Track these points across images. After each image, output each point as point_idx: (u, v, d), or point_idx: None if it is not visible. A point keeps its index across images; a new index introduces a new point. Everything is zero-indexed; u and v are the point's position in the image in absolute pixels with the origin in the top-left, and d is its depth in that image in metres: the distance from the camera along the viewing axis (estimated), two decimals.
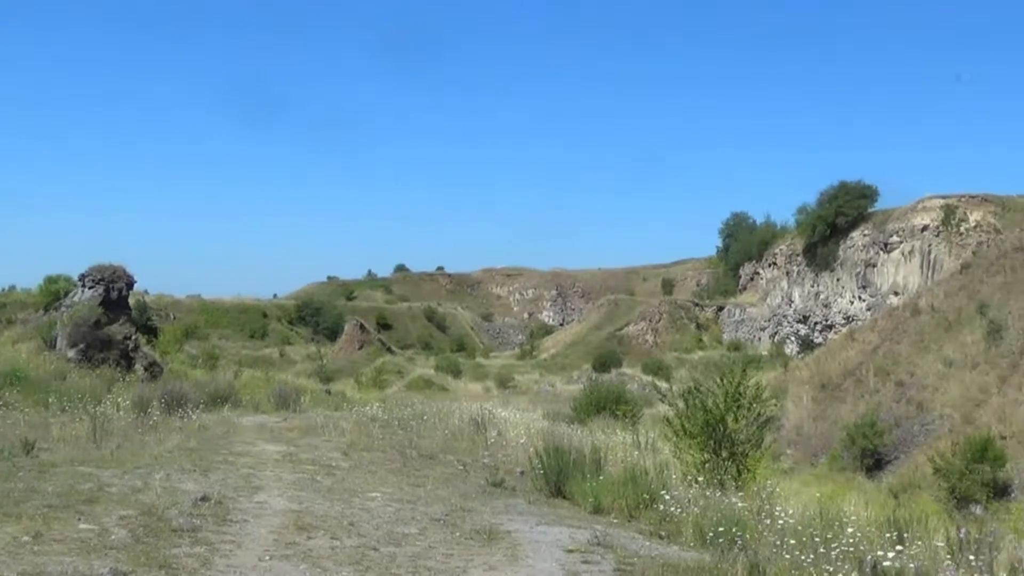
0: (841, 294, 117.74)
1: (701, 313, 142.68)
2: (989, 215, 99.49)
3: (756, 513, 15.17)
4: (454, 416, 29.14)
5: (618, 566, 12.18)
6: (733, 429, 20.68)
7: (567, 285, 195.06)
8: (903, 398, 58.52)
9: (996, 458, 43.30)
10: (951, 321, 64.41)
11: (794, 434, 61.54)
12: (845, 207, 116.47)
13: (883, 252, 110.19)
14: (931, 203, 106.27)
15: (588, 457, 19.01)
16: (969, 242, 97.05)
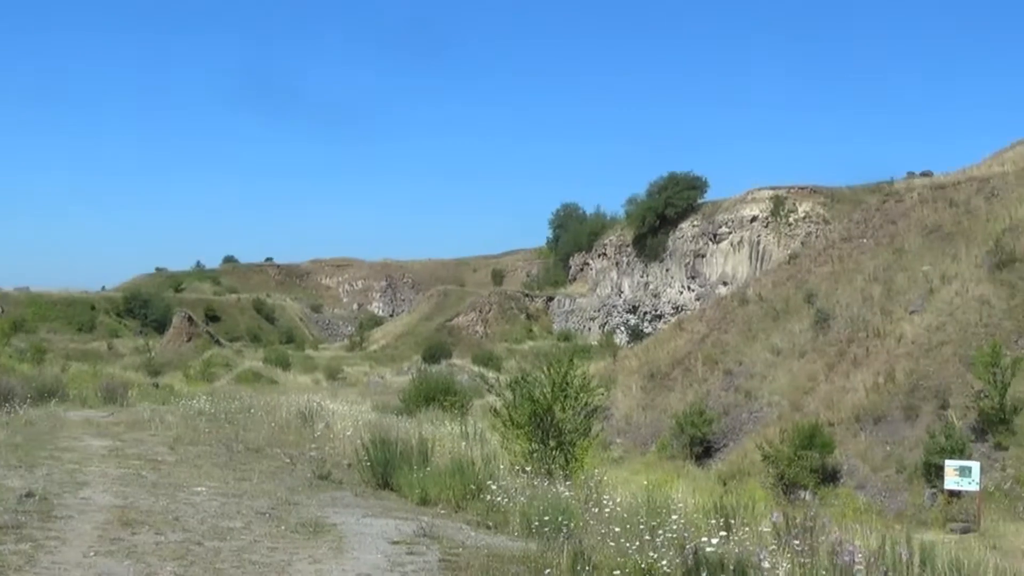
0: (670, 284, 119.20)
1: (531, 303, 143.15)
2: (818, 206, 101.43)
3: (584, 502, 15.44)
4: (282, 409, 29.03)
5: (443, 557, 12.26)
6: (561, 419, 20.87)
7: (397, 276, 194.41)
8: (731, 387, 59.08)
9: (824, 444, 43.93)
10: (779, 310, 65.17)
11: (623, 423, 61.73)
12: (674, 198, 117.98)
13: (712, 243, 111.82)
14: (760, 194, 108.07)
15: (415, 449, 19.07)
16: (798, 232, 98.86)
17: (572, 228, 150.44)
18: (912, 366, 49.14)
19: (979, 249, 55.25)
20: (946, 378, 47.06)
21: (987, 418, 42.56)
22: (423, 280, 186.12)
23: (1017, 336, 46.94)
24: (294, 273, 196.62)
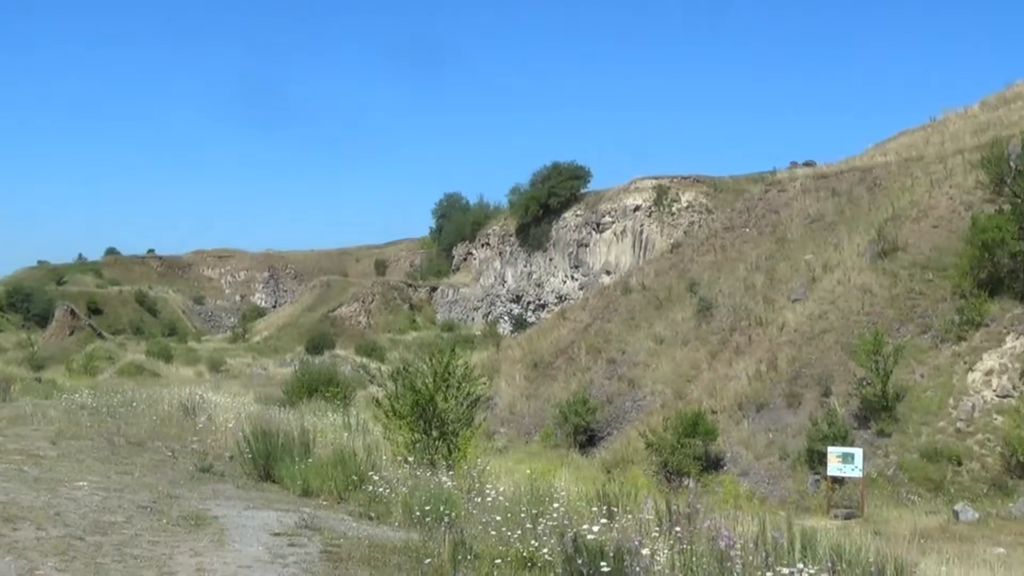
0: (554, 274, 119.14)
1: (414, 294, 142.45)
2: (701, 195, 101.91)
3: (466, 492, 15.63)
4: (164, 402, 28.89)
5: (325, 548, 12.23)
6: (443, 409, 20.83)
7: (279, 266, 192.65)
8: (615, 375, 59.06)
9: (707, 432, 44.11)
10: (662, 299, 65.29)
11: (507, 412, 61.55)
12: (558, 188, 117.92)
13: (595, 232, 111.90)
14: (643, 184, 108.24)
15: (297, 440, 19.03)
16: (681, 222, 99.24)
17: (455, 218, 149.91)
18: (794, 354, 49.40)
19: (861, 238, 55.60)
20: (828, 366, 47.40)
21: (869, 405, 43.06)
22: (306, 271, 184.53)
23: (899, 324, 47.26)
24: (176, 265, 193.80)
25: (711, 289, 61.76)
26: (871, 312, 49.02)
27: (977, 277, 45.90)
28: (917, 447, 40.88)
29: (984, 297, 44.94)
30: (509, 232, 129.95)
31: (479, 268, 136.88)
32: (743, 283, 60.28)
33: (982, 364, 43.44)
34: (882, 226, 54.32)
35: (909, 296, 48.85)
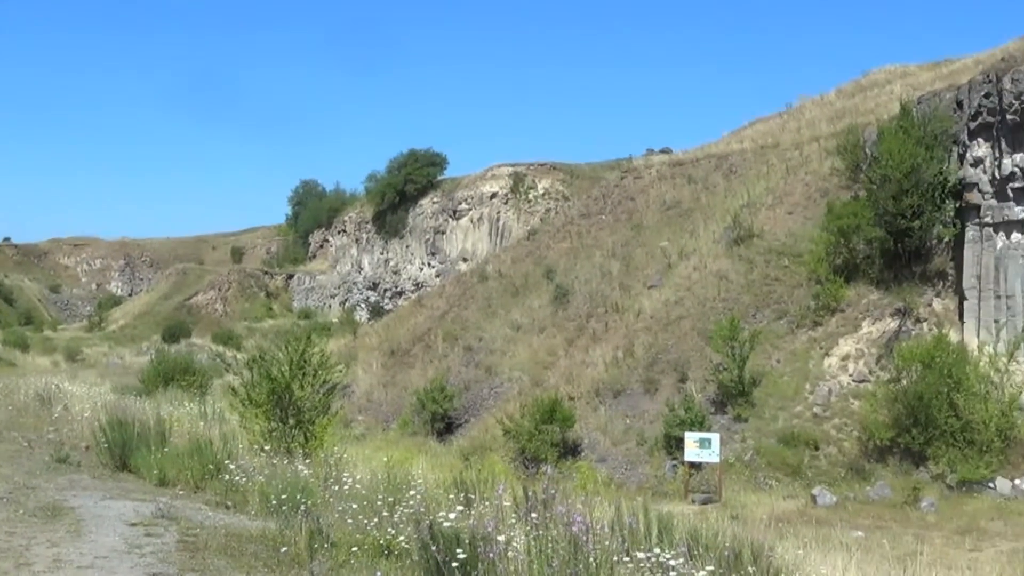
0: (410, 261, 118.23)
1: (271, 281, 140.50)
2: (557, 183, 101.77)
3: (323, 480, 15.58)
4: (19, 392, 29.25)
5: (182, 537, 12.15)
6: (299, 397, 20.97)
7: (135, 254, 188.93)
8: (472, 362, 58.47)
9: (565, 418, 43.59)
10: (519, 286, 64.71)
11: (364, 400, 60.69)
12: (415, 175, 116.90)
13: (452, 219, 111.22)
14: (500, 171, 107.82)
15: (153, 429, 19.13)
16: (537, 209, 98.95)
17: (312, 205, 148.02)
18: (651, 340, 49.04)
19: (717, 225, 55.50)
20: (685, 352, 47.15)
21: (726, 391, 42.94)
22: (162, 258, 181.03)
23: (755, 310, 47.28)
24: (32, 253, 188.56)
25: (568, 276, 61.23)
26: (727, 298, 48.88)
27: (833, 263, 46.02)
28: (774, 432, 40.97)
29: (840, 283, 45.10)
30: (366, 219, 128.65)
31: (336, 255, 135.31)
32: (599, 270, 59.85)
33: (838, 349, 43.69)
34: (738, 213, 54.21)
35: (765, 282, 48.83)
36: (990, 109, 42.13)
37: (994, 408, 36.33)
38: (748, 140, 66.94)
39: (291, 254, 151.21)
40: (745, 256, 50.90)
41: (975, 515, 32.16)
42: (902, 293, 43.61)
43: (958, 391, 36.73)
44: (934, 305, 43.88)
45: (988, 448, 35.82)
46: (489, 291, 67.25)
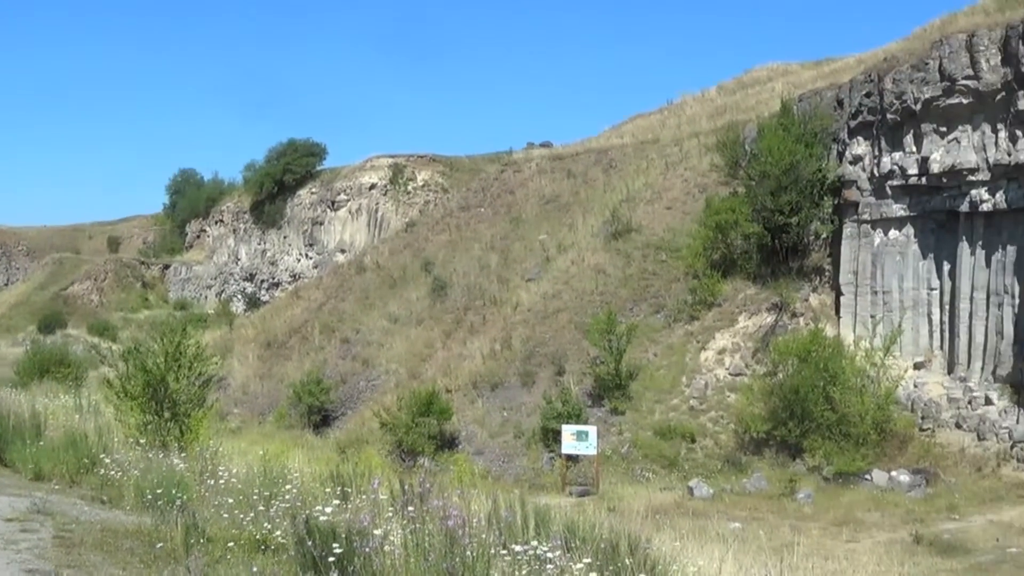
0: (288, 252, 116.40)
1: (147, 271, 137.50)
2: (437, 175, 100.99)
3: (199, 474, 15.26)
4: None
5: (57, 533, 11.77)
6: (175, 389, 20.71)
7: (11, 243, 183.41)
8: (349, 355, 57.83)
9: (442, 411, 43.10)
10: (396, 278, 64.18)
11: (240, 393, 59.74)
12: (293, 164, 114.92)
13: (330, 210, 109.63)
14: (379, 162, 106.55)
15: (28, 422, 18.64)
16: (416, 201, 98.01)
17: (190, 194, 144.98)
18: (529, 333, 48.71)
19: (596, 219, 55.36)
20: (562, 345, 46.85)
21: (603, 384, 42.63)
22: (38, 247, 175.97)
23: (632, 304, 47.12)
24: None
25: (446, 268, 60.89)
26: (605, 292, 48.74)
27: (710, 258, 46.03)
28: (651, 425, 40.82)
29: (717, 278, 45.16)
30: (243, 209, 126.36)
31: (213, 246, 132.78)
32: (478, 262, 59.57)
33: (715, 343, 43.73)
34: (616, 207, 54.16)
35: (643, 276, 48.77)
36: (871, 108, 42.43)
37: (870, 402, 36.44)
38: (628, 135, 67.17)
39: (168, 244, 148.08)
40: (623, 250, 50.80)
41: (851, 507, 32.11)
42: (779, 288, 43.59)
43: (834, 385, 36.72)
44: (811, 300, 44.03)
45: (864, 441, 35.90)
46: (367, 283, 66.53)
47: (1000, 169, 38.04)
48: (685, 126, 62.35)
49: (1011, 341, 37.86)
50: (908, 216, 41.54)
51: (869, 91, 42.64)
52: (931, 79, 39.71)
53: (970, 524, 29.72)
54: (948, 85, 39.14)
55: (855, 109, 43.04)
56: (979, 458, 35.33)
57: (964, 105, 39.02)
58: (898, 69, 41.37)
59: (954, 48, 39.07)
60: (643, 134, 65.10)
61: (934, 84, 39.57)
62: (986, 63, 38.17)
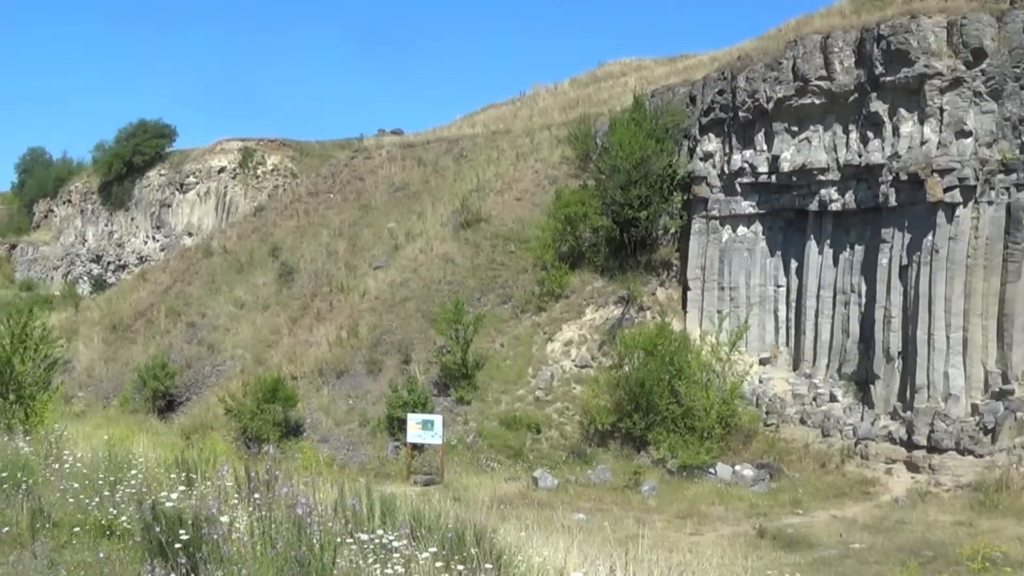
0: (135, 234, 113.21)
1: None
2: (287, 159, 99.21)
3: (44, 457, 14.94)
4: None
5: None
6: (20, 372, 20.66)
7: None
8: (195, 339, 56.50)
9: (287, 398, 42.28)
10: (243, 263, 63.07)
11: (85, 376, 57.89)
12: (143, 146, 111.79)
13: (179, 192, 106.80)
14: (230, 145, 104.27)
15: None
16: (265, 185, 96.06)
17: (38, 173, 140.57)
18: (376, 321, 47.91)
19: (445, 208, 54.76)
20: (409, 333, 46.20)
21: (450, 373, 42.21)
22: None
23: (480, 294, 46.62)
24: None
25: (293, 254, 59.89)
26: (453, 281, 48.16)
27: (559, 250, 45.66)
28: (497, 415, 40.37)
29: (565, 269, 44.84)
30: (92, 190, 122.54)
31: (60, 226, 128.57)
32: (326, 249, 58.59)
33: (562, 335, 43.43)
34: (466, 197, 53.61)
35: (491, 267, 48.31)
36: (723, 106, 42.47)
37: (715, 396, 36.55)
38: (480, 125, 66.82)
39: (15, 223, 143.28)
40: (472, 240, 50.30)
41: (696, 499, 31.94)
42: (626, 281, 43.30)
43: (680, 379, 36.75)
44: (658, 294, 43.91)
45: (709, 435, 35.90)
46: (213, 267, 65.22)
47: (850, 170, 38.36)
48: (537, 118, 62.12)
49: (856, 339, 38.37)
50: (757, 213, 41.68)
51: (722, 89, 42.64)
52: (784, 79, 39.82)
53: (814, 519, 30.09)
54: (801, 85, 39.28)
55: (707, 106, 42.98)
56: (823, 454, 35.66)
57: (816, 105, 39.24)
58: (752, 68, 41.43)
59: (809, 49, 39.26)
60: (495, 124, 64.76)
61: (787, 84, 39.70)
62: (840, 64, 38.43)
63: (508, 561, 9.64)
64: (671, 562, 12.55)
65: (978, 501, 30.71)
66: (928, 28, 35.96)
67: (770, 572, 18.64)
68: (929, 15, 36.40)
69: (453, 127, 70.03)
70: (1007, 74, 35.06)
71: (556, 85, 71.62)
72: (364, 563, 8.63)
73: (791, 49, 39.90)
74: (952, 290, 35.13)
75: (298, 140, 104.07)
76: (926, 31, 35.91)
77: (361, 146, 73.27)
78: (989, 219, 35.13)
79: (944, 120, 35.85)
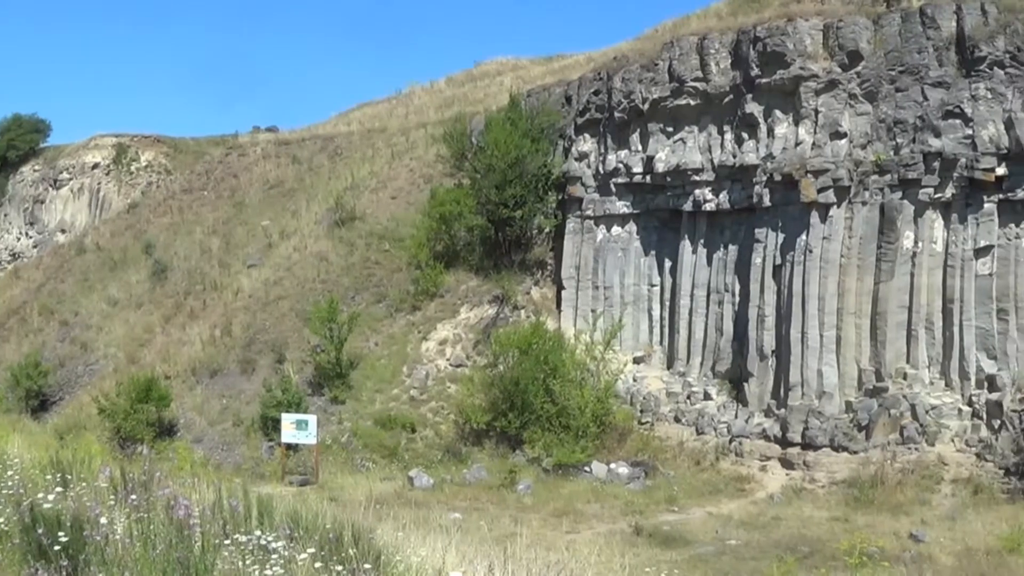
0: (8, 230, 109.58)
1: None
2: (161, 156, 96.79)
3: None
4: None
5: None
6: None
7: None
8: (68, 338, 54.35)
9: (161, 398, 40.77)
10: (117, 261, 60.67)
11: None
12: (17, 140, 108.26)
13: (53, 188, 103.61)
14: (104, 141, 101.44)
15: None
16: (139, 182, 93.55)
17: None
18: (249, 320, 46.53)
19: (320, 206, 53.43)
20: (283, 332, 44.88)
21: (324, 373, 40.82)
22: None
23: (354, 293, 45.46)
24: None
25: (167, 252, 57.77)
26: (327, 280, 46.83)
27: (434, 249, 44.83)
28: (371, 414, 39.27)
29: (440, 269, 43.94)
30: None
31: None
32: (199, 246, 56.83)
33: (436, 334, 42.61)
34: (341, 195, 52.25)
35: (365, 265, 47.10)
36: (599, 106, 41.78)
37: (590, 395, 35.82)
38: (356, 123, 65.77)
39: None
40: (346, 239, 49.03)
41: (571, 498, 31.42)
42: (501, 281, 42.52)
43: (554, 377, 36.00)
44: (532, 293, 43.22)
45: (584, 433, 35.14)
46: (87, 265, 62.82)
47: (724, 170, 37.89)
48: (413, 116, 61.15)
49: (730, 338, 38.00)
50: (631, 213, 41.04)
51: (598, 89, 41.91)
52: (660, 80, 39.23)
53: (689, 516, 29.97)
54: (677, 86, 38.73)
55: (583, 106, 42.27)
56: (698, 452, 35.37)
57: (692, 106, 38.73)
58: (628, 68, 40.77)
59: (685, 50, 38.74)
60: (371, 122, 63.61)
61: (663, 85, 39.10)
62: (716, 66, 37.96)
63: (387, 561, 9.40)
64: (549, 560, 12.39)
65: (853, 497, 30.77)
66: (804, 31, 35.63)
67: (647, 570, 18.43)
68: (806, 18, 36.13)
69: (328, 125, 68.73)
70: (883, 76, 34.85)
71: (432, 84, 70.64)
72: (243, 564, 8.40)
73: (667, 50, 39.35)
74: (826, 289, 34.90)
75: (173, 136, 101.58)
76: (802, 33, 35.59)
77: (236, 143, 71.70)
78: (863, 219, 34.91)
79: (819, 122, 35.62)
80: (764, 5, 40.80)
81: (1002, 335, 33.64)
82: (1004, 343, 33.57)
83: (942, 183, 34.10)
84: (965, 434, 32.80)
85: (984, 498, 30.23)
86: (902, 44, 34.82)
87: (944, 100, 34.05)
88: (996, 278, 33.88)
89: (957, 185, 33.97)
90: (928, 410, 33.23)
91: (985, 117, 33.63)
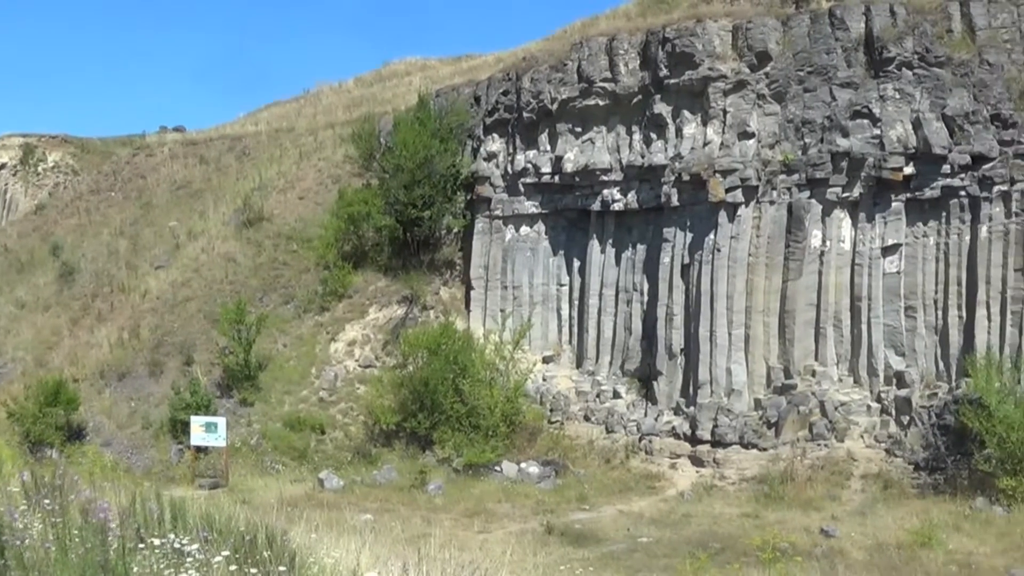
0: None
1: None
2: (68, 156, 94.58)
3: None
4: None
5: None
6: None
7: None
8: None
9: (69, 401, 39.90)
10: (24, 263, 58.99)
11: None
12: None
13: None
14: (11, 141, 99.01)
15: None
16: (47, 183, 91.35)
17: None
18: (157, 322, 45.41)
19: (228, 207, 52.21)
20: (192, 334, 43.94)
21: (232, 374, 40.07)
22: None
23: (262, 294, 44.65)
24: None
25: (74, 253, 56.09)
26: (235, 281, 45.90)
27: (342, 249, 44.12)
28: (280, 416, 38.68)
29: (348, 269, 43.29)
30: None
31: None
32: (107, 248, 55.17)
33: (345, 335, 42.02)
34: (249, 195, 51.09)
35: (273, 266, 46.21)
36: (507, 106, 41.44)
37: (499, 394, 35.62)
38: (264, 123, 64.53)
39: None
40: (254, 239, 48.03)
41: (482, 498, 31.32)
42: (410, 281, 42.02)
43: (464, 377, 35.73)
44: (441, 293, 42.76)
45: (494, 433, 34.97)
46: None
47: (633, 170, 37.65)
48: (321, 116, 60.14)
49: (639, 337, 37.79)
50: (540, 213, 40.76)
51: (507, 89, 41.55)
52: (569, 80, 38.90)
53: (601, 514, 29.82)
54: (586, 87, 38.41)
55: (492, 106, 41.90)
56: (608, 450, 35.16)
57: (601, 107, 38.45)
58: (537, 69, 40.42)
59: (594, 51, 38.42)
60: (278, 122, 62.53)
61: (572, 85, 38.77)
62: (625, 66, 37.71)
63: (301, 563, 9.32)
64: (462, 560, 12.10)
65: (763, 493, 30.77)
66: (713, 31, 35.54)
67: (560, 568, 18.55)
68: (714, 19, 36.07)
69: (236, 125, 67.33)
70: (791, 77, 34.83)
71: (341, 83, 69.61)
72: (159, 568, 8.38)
73: (576, 51, 39.00)
74: (734, 288, 34.81)
75: (80, 136, 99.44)
76: (711, 34, 35.49)
77: (143, 143, 70.07)
78: (771, 218, 34.87)
79: (727, 122, 35.51)
80: (673, 6, 40.68)
81: (910, 332, 33.81)
82: (912, 340, 33.74)
83: (850, 182, 34.17)
84: (874, 430, 32.92)
85: (894, 493, 30.34)
86: (811, 45, 34.87)
87: (852, 100, 34.13)
88: (904, 276, 34.04)
89: (865, 184, 34.05)
90: (837, 407, 33.31)
91: (893, 117, 33.72)
